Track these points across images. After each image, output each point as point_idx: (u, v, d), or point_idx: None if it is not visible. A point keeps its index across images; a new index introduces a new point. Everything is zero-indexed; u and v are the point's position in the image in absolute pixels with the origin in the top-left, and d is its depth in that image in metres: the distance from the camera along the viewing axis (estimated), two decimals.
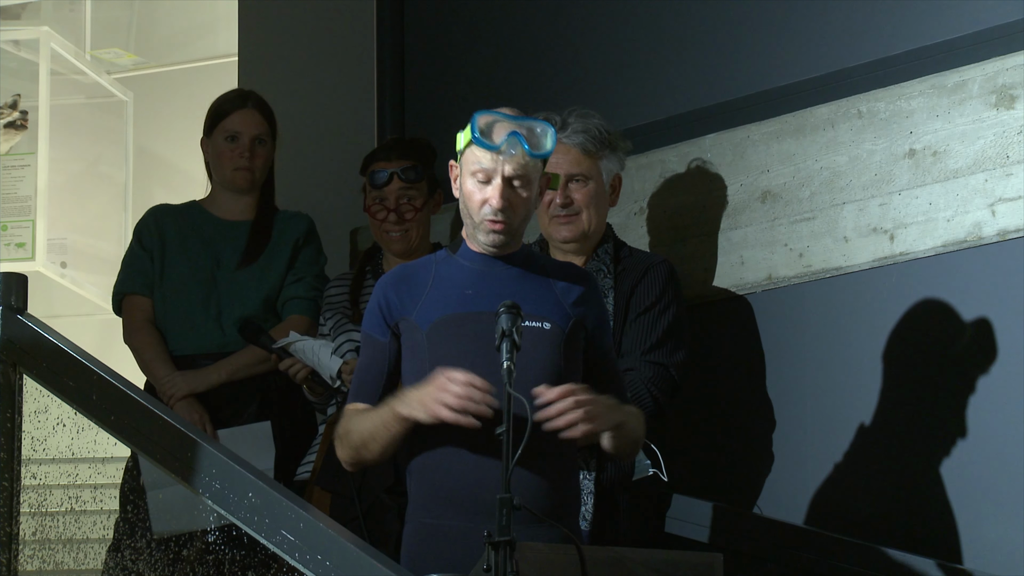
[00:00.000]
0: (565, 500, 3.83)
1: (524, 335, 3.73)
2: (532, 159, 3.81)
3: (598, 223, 4.70)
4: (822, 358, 4.84)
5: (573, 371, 3.86)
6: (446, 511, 3.75)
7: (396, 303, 3.88)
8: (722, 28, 5.23)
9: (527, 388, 3.73)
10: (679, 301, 4.67)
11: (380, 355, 3.90)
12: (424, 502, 3.81)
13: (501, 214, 3.81)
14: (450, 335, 3.79)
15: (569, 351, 3.85)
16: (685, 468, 4.87)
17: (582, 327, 3.88)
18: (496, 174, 3.81)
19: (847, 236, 4.81)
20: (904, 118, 4.74)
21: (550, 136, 3.83)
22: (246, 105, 5.21)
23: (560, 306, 3.87)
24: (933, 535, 4.54)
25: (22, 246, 7.99)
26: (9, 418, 4.09)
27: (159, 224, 5.24)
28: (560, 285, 3.90)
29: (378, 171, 4.95)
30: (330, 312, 4.97)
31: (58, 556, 4.48)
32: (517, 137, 3.79)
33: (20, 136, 8.10)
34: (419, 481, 3.83)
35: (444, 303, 3.84)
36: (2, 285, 4.16)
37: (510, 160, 3.80)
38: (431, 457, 3.80)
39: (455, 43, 6.02)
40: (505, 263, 3.88)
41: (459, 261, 3.90)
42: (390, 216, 4.92)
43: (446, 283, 3.87)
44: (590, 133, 4.67)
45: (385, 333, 3.89)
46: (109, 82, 8.50)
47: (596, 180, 4.69)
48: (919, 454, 4.61)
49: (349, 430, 3.85)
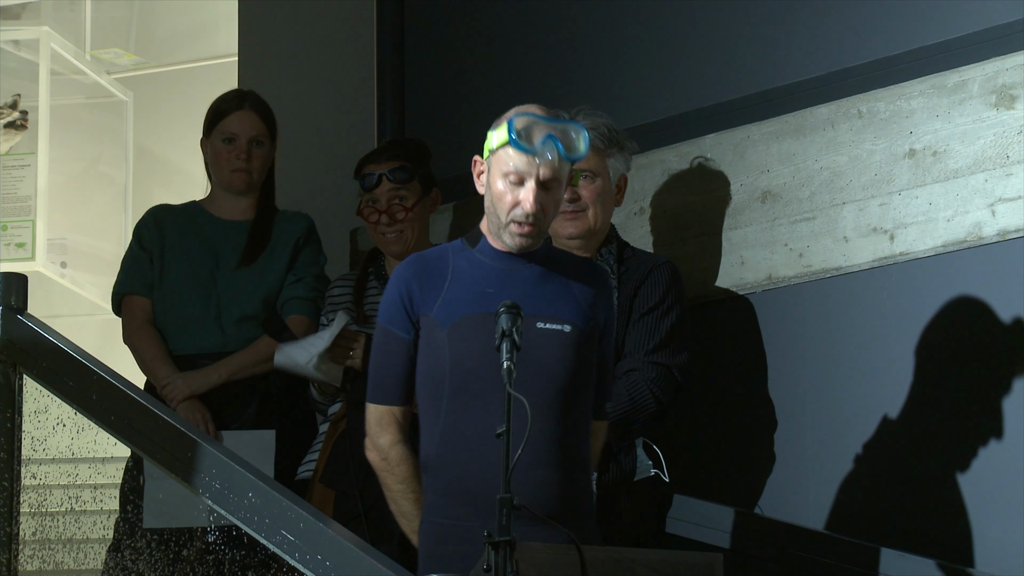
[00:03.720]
0: (579, 501, 3.83)
1: (544, 337, 3.74)
2: (565, 162, 3.82)
3: (603, 221, 4.71)
4: (822, 358, 4.84)
5: (589, 375, 3.87)
6: (462, 512, 3.75)
7: (419, 297, 3.86)
8: (722, 28, 5.23)
9: (547, 392, 3.75)
10: (682, 302, 4.68)
11: (403, 352, 3.88)
12: (439, 502, 3.82)
13: (532, 217, 3.81)
14: (471, 335, 3.78)
15: (587, 354, 3.86)
16: (685, 468, 4.87)
17: (597, 328, 3.89)
18: (530, 177, 3.79)
19: (847, 236, 4.81)
20: (904, 118, 4.74)
21: (583, 139, 3.83)
22: (243, 106, 5.21)
23: (580, 307, 3.86)
24: (933, 535, 4.54)
25: (22, 246, 7.99)
26: (9, 418, 4.10)
27: (159, 224, 5.23)
28: (577, 285, 3.89)
29: (368, 174, 4.96)
30: (333, 313, 4.97)
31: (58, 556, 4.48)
32: (553, 140, 3.78)
33: (20, 136, 8.10)
34: (435, 479, 3.83)
35: (465, 302, 3.82)
36: (2, 285, 4.16)
37: (546, 164, 3.79)
38: (446, 455, 3.80)
39: (455, 43, 6.02)
40: (527, 261, 3.87)
41: (478, 256, 3.89)
42: (382, 218, 4.93)
43: (465, 279, 3.86)
44: (599, 131, 4.67)
45: (409, 330, 3.87)
46: (109, 82, 8.50)
47: (603, 178, 4.70)
48: (919, 454, 4.61)
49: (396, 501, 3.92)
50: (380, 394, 3.92)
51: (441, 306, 3.84)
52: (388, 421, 3.93)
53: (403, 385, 3.89)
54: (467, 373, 3.79)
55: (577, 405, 3.84)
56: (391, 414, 3.92)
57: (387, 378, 3.90)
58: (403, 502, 3.90)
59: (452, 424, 3.80)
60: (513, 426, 3.39)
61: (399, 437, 3.91)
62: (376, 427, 3.93)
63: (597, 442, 4.01)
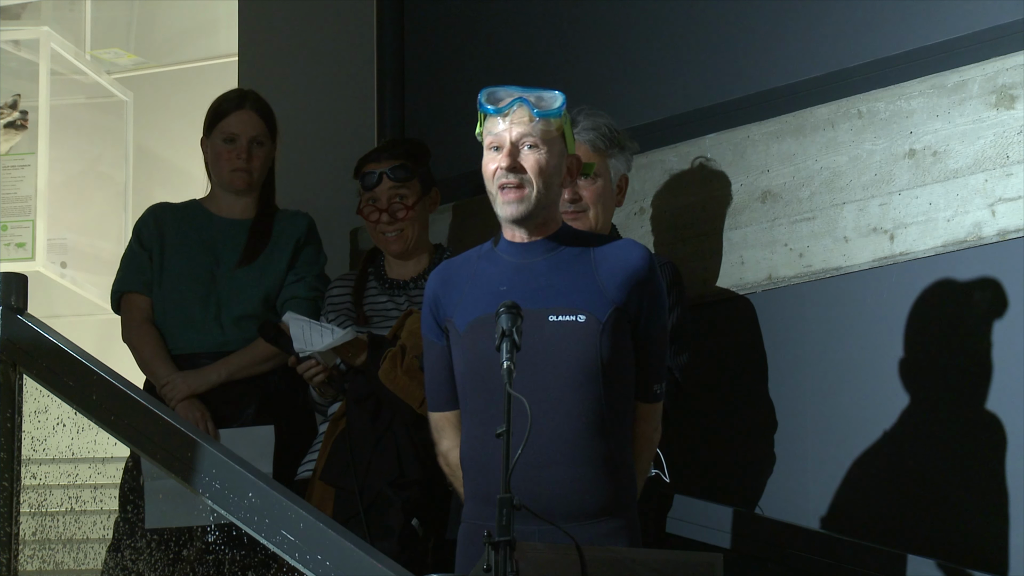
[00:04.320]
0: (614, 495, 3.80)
1: (558, 330, 3.73)
2: (540, 119, 3.80)
3: (604, 221, 4.70)
4: (822, 358, 4.84)
5: (617, 363, 3.80)
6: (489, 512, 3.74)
7: (444, 303, 3.89)
8: (722, 28, 5.23)
9: (560, 384, 3.74)
10: (684, 303, 4.68)
11: (441, 358, 3.91)
12: (471, 503, 3.84)
13: (512, 174, 3.79)
14: (484, 336, 3.77)
15: (610, 342, 3.79)
16: (685, 468, 4.87)
17: (626, 312, 3.82)
18: (505, 137, 3.80)
19: (847, 236, 4.81)
20: (904, 118, 4.74)
21: (559, 99, 3.83)
22: (243, 106, 5.21)
23: (600, 293, 3.81)
24: (933, 535, 4.54)
25: (22, 246, 7.99)
26: (9, 418, 4.10)
27: (158, 223, 5.23)
28: (605, 268, 3.84)
29: (368, 172, 4.97)
30: (333, 313, 4.97)
31: (58, 556, 4.48)
32: (523, 101, 3.80)
33: (20, 136, 8.10)
34: (469, 480, 3.85)
35: (480, 302, 3.83)
36: (2, 285, 4.17)
37: (517, 123, 3.79)
38: (472, 456, 3.82)
39: (455, 43, 6.02)
40: (543, 252, 3.86)
41: (498, 254, 3.89)
42: (383, 216, 4.93)
43: (483, 279, 3.86)
44: (600, 131, 4.67)
45: (441, 336, 3.90)
46: (109, 82, 8.50)
47: (604, 178, 4.69)
48: (919, 454, 4.61)
49: (458, 490, 3.95)
50: (432, 401, 3.97)
51: (460, 309, 3.85)
52: (443, 426, 3.96)
53: (448, 390, 3.92)
54: (482, 374, 3.80)
55: (604, 396, 3.79)
56: (445, 419, 3.96)
57: (433, 385, 3.95)
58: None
59: (475, 426, 3.82)
60: (518, 427, 3.38)
61: (456, 441, 3.93)
62: (436, 433, 3.99)
63: (647, 424, 3.92)
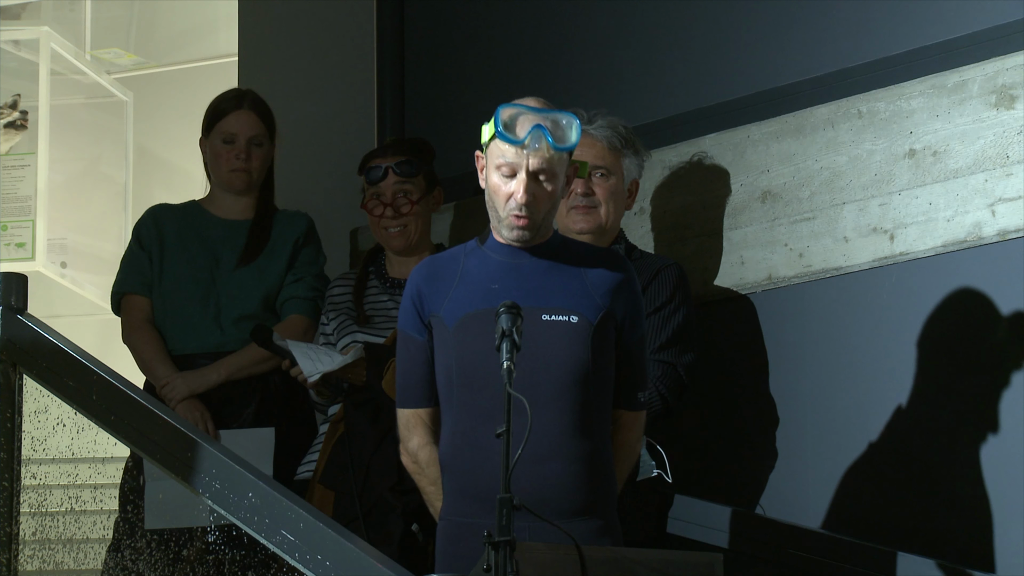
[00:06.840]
0: (596, 494, 3.81)
1: (550, 329, 3.73)
2: (557, 152, 3.80)
3: (615, 220, 4.71)
4: (822, 358, 4.84)
5: (603, 365, 3.83)
6: (475, 509, 3.75)
7: (428, 298, 3.87)
8: (722, 28, 5.23)
9: (554, 384, 3.74)
10: (689, 304, 4.68)
11: (420, 354, 3.89)
12: (454, 500, 3.82)
13: (525, 209, 3.79)
14: (475, 332, 3.77)
15: (599, 344, 3.82)
16: (685, 468, 4.87)
17: (612, 318, 3.85)
18: (520, 168, 3.77)
19: (847, 236, 4.81)
20: (904, 118, 4.74)
21: (575, 128, 3.80)
22: (242, 106, 5.20)
23: (590, 297, 3.83)
24: (934, 535, 4.54)
25: (22, 246, 8.00)
26: (9, 418, 4.10)
27: (158, 223, 5.23)
28: (592, 274, 3.86)
29: (373, 167, 4.96)
30: (333, 313, 4.97)
31: (58, 556, 4.48)
32: (541, 130, 3.76)
33: (20, 136, 8.10)
34: (449, 478, 3.84)
35: (470, 298, 3.82)
36: (2, 285, 4.17)
37: (535, 154, 3.76)
38: (458, 453, 3.81)
39: (455, 43, 6.02)
40: (532, 255, 3.86)
41: (487, 253, 3.88)
42: (387, 211, 4.93)
43: (473, 276, 3.86)
44: (616, 130, 4.70)
45: (422, 332, 3.88)
46: (109, 82, 8.50)
47: (618, 177, 4.71)
48: (919, 453, 4.61)
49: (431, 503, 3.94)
50: (405, 398, 3.94)
51: (448, 305, 3.84)
52: (415, 424, 3.94)
53: (425, 387, 3.90)
54: (473, 370, 3.79)
55: (591, 397, 3.81)
56: (417, 417, 3.94)
57: (409, 382, 3.92)
58: (437, 503, 3.91)
59: (462, 422, 3.80)
60: (516, 426, 3.38)
61: (428, 439, 3.92)
62: (405, 430, 3.96)
63: (630, 433, 3.94)
